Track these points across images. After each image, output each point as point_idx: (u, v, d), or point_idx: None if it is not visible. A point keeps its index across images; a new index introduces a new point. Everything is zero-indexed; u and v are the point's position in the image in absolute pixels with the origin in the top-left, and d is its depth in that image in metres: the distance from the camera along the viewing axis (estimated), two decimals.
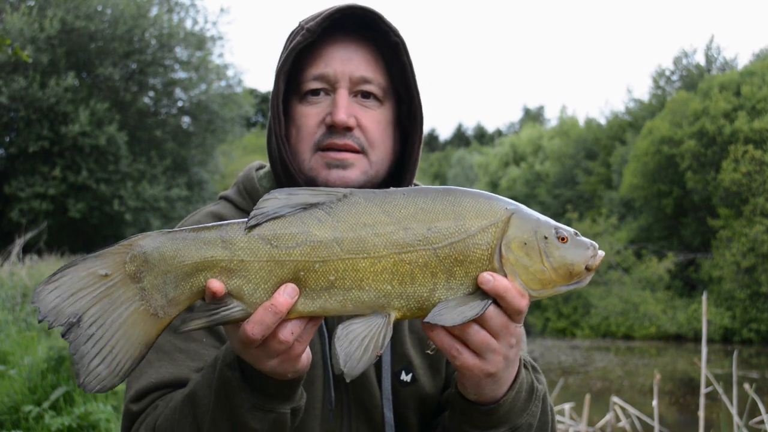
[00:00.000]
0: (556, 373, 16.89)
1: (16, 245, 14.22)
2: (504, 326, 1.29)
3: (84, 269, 1.25)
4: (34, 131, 26.47)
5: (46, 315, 1.23)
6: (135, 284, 1.26)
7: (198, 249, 1.26)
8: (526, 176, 45.78)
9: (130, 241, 1.27)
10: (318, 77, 1.66)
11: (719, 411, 8.24)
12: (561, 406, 7.64)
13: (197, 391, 1.43)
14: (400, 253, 1.26)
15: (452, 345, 1.29)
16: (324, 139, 1.65)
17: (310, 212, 1.27)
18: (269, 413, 1.37)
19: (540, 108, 73.02)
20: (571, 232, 1.33)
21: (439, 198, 1.30)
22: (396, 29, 1.67)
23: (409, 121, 1.75)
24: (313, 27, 1.63)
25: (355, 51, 1.68)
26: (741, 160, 27.53)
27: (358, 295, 1.26)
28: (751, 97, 29.30)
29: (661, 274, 28.56)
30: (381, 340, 1.24)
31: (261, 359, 1.29)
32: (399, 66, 1.70)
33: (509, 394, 1.42)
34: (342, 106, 1.64)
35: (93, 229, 28.59)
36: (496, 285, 1.25)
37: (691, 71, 37.38)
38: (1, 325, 8.57)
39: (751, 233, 26.44)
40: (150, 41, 28.84)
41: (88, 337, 1.23)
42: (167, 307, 1.26)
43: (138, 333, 1.25)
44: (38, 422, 5.51)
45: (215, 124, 30.95)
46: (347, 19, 1.66)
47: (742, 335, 25.78)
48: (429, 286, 1.27)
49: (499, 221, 1.30)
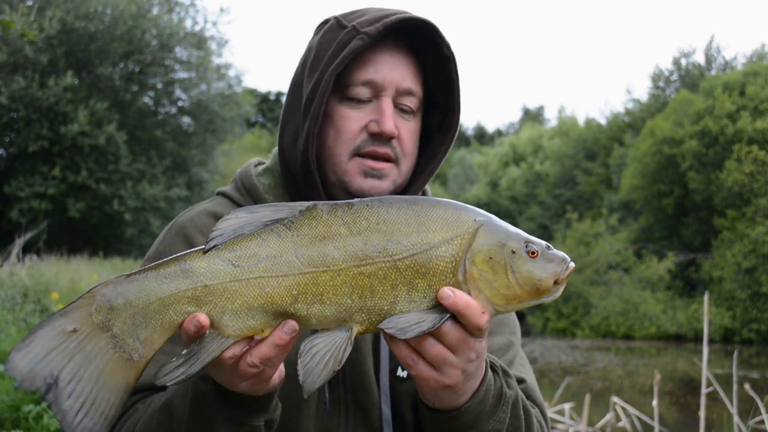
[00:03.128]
0: (556, 373, 16.88)
1: (16, 245, 14.21)
2: (462, 341, 1.26)
3: (52, 329, 1.24)
4: (33, 131, 26.49)
5: (23, 381, 1.22)
6: (105, 333, 1.24)
7: (160, 284, 1.25)
8: (526, 176, 45.80)
9: (92, 292, 1.26)
10: (367, 82, 1.65)
11: (719, 411, 8.24)
12: (561, 406, 7.64)
13: (173, 399, 1.44)
14: (359, 266, 1.24)
15: (408, 355, 1.27)
16: (365, 145, 1.64)
17: (271, 228, 1.25)
18: (243, 426, 1.37)
19: (540, 108, 73.04)
20: (542, 246, 1.28)
21: (404, 209, 1.27)
22: (449, 43, 1.68)
23: (440, 131, 1.77)
24: (372, 32, 1.60)
25: (401, 60, 1.68)
26: (744, 161, 27.55)
27: (320, 310, 1.24)
28: (755, 98, 29.32)
29: (662, 274, 28.57)
30: (341, 355, 1.22)
31: (232, 381, 1.29)
32: (446, 79, 1.71)
33: (471, 402, 1.39)
34: (390, 116, 1.63)
35: (93, 229, 28.61)
36: (456, 301, 1.23)
37: (690, 71, 37.39)
38: (1, 325, 8.57)
39: (753, 234, 26.45)
40: (150, 41, 28.85)
41: (68, 394, 1.23)
42: (141, 349, 1.25)
43: (117, 380, 1.25)
44: (38, 422, 5.51)
45: (215, 124, 30.98)
46: (402, 28, 1.66)
47: (742, 335, 25.79)
48: (389, 299, 1.24)
49: (465, 233, 1.26)
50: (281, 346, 1.24)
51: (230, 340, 1.24)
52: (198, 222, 1.74)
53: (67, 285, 12.54)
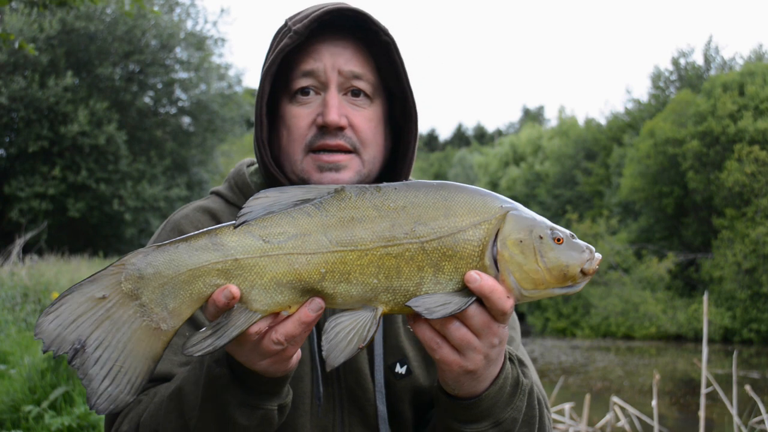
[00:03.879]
0: (556, 373, 16.88)
1: (16, 245, 14.22)
2: (486, 325, 1.28)
3: (81, 295, 1.25)
4: (33, 131, 26.49)
5: (50, 345, 1.23)
6: (134, 302, 1.26)
7: (191, 256, 1.26)
8: (526, 176, 45.79)
9: (122, 261, 1.27)
10: (307, 73, 1.65)
11: (719, 411, 8.25)
12: (561, 406, 7.64)
13: (184, 386, 1.44)
14: (387, 247, 1.26)
15: (432, 338, 1.29)
16: (315, 140, 1.64)
17: (300, 207, 1.28)
18: (257, 410, 1.38)
19: (540, 108, 73.06)
20: (567, 234, 1.32)
21: (431, 193, 1.30)
22: (386, 29, 1.66)
23: (404, 119, 1.74)
24: (300, 29, 1.61)
25: (344, 47, 1.67)
26: (745, 161, 27.54)
27: (347, 289, 1.26)
28: (755, 97, 29.31)
29: (662, 274, 28.57)
30: (366, 333, 1.24)
31: (253, 359, 1.30)
32: (390, 64, 1.69)
33: (491, 389, 1.41)
34: (333, 106, 1.62)
35: (93, 229, 28.61)
36: (482, 284, 1.25)
37: (689, 72, 37.37)
38: (1, 325, 8.57)
39: (753, 234, 26.45)
40: (150, 41, 28.85)
41: (95, 360, 1.24)
42: (169, 320, 1.27)
43: (144, 349, 1.26)
44: (38, 422, 5.51)
45: (215, 124, 30.98)
46: (336, 20, 1.65)
47: (742, 335, 25.80)
48: (415, 281, 1.26)
49: (492, 218, 1.29)
50: (306, 323, 1.26)
51: (258, 315, 1.25)
52: (193, 218, 1.75)
53: (68, 285, 12.54)
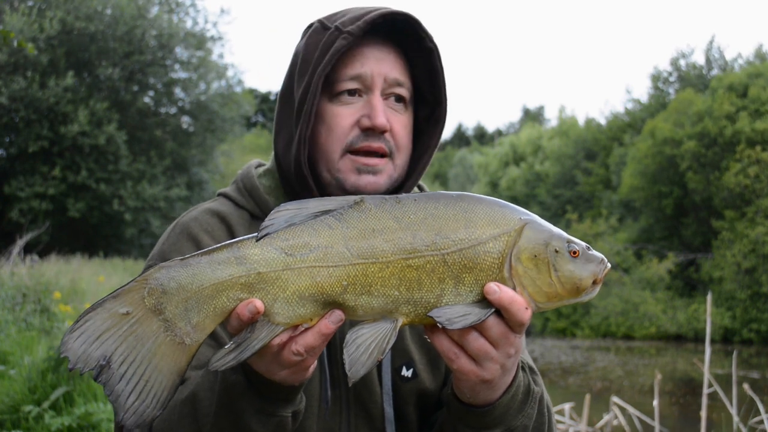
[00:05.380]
0: (556, 373, 16.89)
1: (17, 245, 14.23)
2: (504, 336, 1.30)
3: (105, 311, 1.26)
4: (33, 131, 26.50)
5: (76, 362, 1.24)
6: (157, 317, 1.26)
7: (214, 271, 1.26)
8: (526, 176, 45.79)
9: (145, 276, 1.27)
10: (354, 77, 1.66)
11: (719, 411, 8.25)
12: (561, 406, 7.63)
13: (198, 392, 1.45)
14: (408, 259, 1.27)
15: (450, 349, 1.31)
16: (358, 141, 1.65)
17: (321, 219, 1.28)
18: (272, 417, 1.39)
19: (540, 108, 73.02)
20: (582, 246, 1.33)
21: (451, 204, 1.31)
22: (431, 36, 1.70)
23: (429, 124, 1.77)
24: (354, 31, 1.62)
25: (387, 53, 1.69)
26: (744, 161, 27.55)
27: (368, 301, 1.27)
28: (756, 99, 29.32)
29: (662, 274, 28.58)
30: (385, 345, 1.25)
31: (273, 369, 1.31)
32: (431, 71, 1.72)
33: (504, 397, 1.43)
34: (380, 110, 1.64)
35: (93, 229, 28.62)
36: (502, 296, 1.26)
37: (690, 72, 37.37)
38: (1, 325, 8.57)
39: (753, 234, 26.45)
40: (150, 41, 28.85)
41: (120, 376, 1.25)
42: (193, 334, 1.27)
43: (168, 363, 1.27)
44: (38, 422, 5.51)
45: (215, 124, 30.99)
46: (385, 23, 1.68)
47: (742, 335, 25.79)
48: (436, 292, 1.27)
49: (511, 230, 1.30)
50: (327, 335, 1.27)
51: (280, 328, 1.26)
52: (202, 221, 1.74)
53: (68, 285, 12.54)
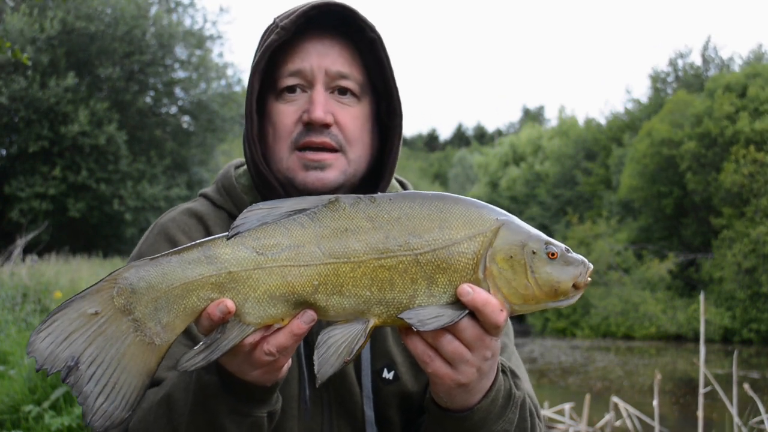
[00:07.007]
0: (556, 373, 16.89)
1: (17, 245, 14.22)
2: (479, 339, 1.27)
3: (73, 311, 1.23)
4: (34, 131, 26.49)
5: (44, 363, 1.22)
6: (126, 317, 1.24)
7: (184, 269, 1.24)
8: (526, 176, 45.77)
9: (114, 275, 1.25)
10: (294, 73, 1.64)
11: (719, 411, 8.25)
12: (561, 406, 7.64)
13: (173, 393, 1.43)
14: (380, 259, 1.24)
15: (425, 351, 1.28)
16: (301, 138, 1.62)
17: (294, 218, 1.26)
18: (247, 417, 1.38)
19: (540, 108, 73.07)
20: (561, 248, 1.30)
21: (426, 204, 1.28)
22: (372, 25, 1.65)
23: (389, 118, 1.73)
24: (287, 25, 1.61)
25: (331, 46, 1.66)
26: (743, 161, 27.55)
27: (339, 301, 1.24)
28: (755, 99, 29.31)
29: (662, 274, 28.57)
30: (354, 346, 1.23)
31: (245, 369, 1.30)
32: (376, 61, 1.68)
33: (483, 402, 1.40)
34: (319, 103, 1.61)
35: (93, 229, 28.61)
36: (475, 298, 1.23)
37: (687, 72, 37.36)
38: (1, 325, 8.57)
39: (753, 234, 26.45)
40: (150, 41, 28.85)
41: (89, 377, 1.22)
42: (163, 334, 1.25)
43: (138, 364, 1.25)
44: (38, 422, 5.51)
45: (215, 123, 30.95)
46: (323, 16, 1.64)
47: (742, 335, 25.78)
48: (409, 293, 1.25)
49: (487, 231, 1.27)
50: (299, 335, 1.25)
51: (251, 328, 1.24)
52: (180, 222, 1.73)
53: (68, 285, 12.54)
